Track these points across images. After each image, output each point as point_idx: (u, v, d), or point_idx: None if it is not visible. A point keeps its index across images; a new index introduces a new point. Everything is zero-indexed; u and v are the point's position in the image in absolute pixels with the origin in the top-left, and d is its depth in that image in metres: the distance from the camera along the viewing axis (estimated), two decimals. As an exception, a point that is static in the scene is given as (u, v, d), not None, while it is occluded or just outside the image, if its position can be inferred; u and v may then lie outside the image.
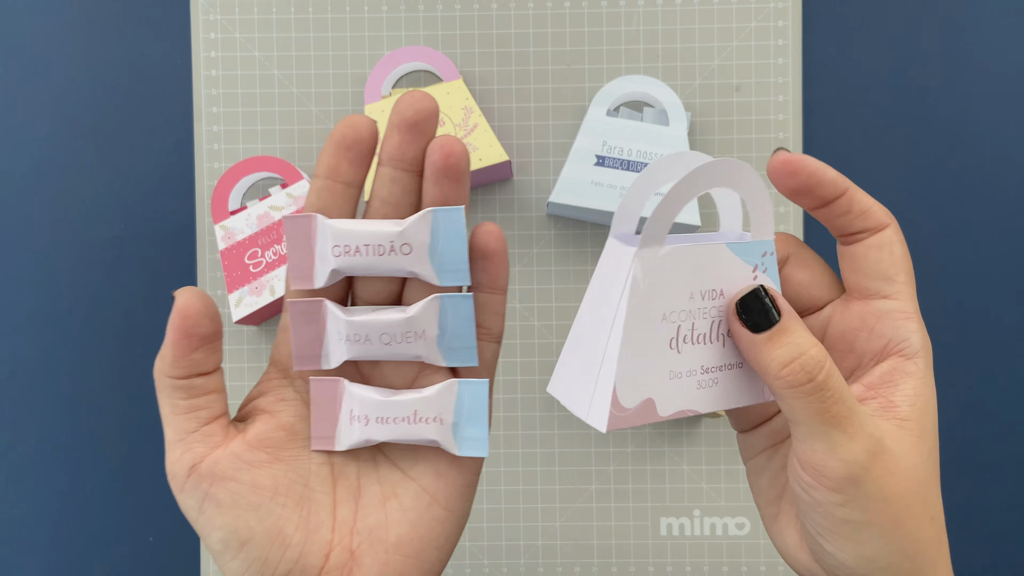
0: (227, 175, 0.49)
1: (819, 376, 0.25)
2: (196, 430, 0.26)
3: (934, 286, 0.52)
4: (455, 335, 0.27)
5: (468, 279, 0.27)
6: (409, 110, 0.25)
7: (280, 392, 0.28)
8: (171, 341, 0.26)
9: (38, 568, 0.52)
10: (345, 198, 0.27)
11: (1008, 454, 0.52)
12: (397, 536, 0.27)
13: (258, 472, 0.27)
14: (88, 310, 0.52)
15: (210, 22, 0.51)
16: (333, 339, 0.27)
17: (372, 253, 0.26)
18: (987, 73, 0.52)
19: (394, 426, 0.27)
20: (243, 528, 0.26)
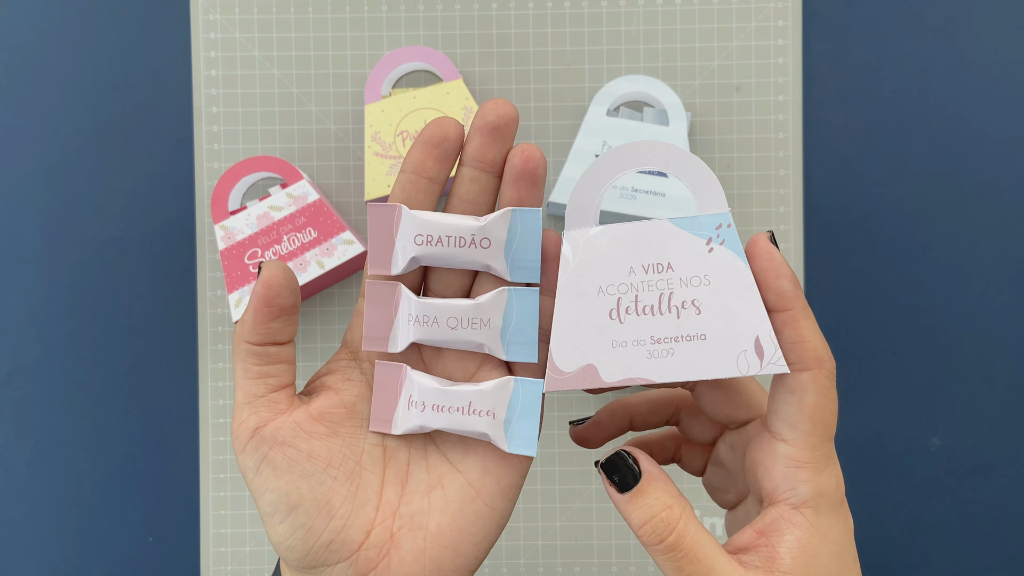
0: (227, 175, 0.49)
1: (669, 538, 0.26)
2: (264, 395, 0.28)
3: (934, 286, 0.52)
4: (518, 329, 0.28)
5: (538, 277, 0.28)
6: (492, 115, 0.27)
7: (347, 372, 0.30)
8: (253, 308, 0.27)
9: (38, 568, 0.52)
10: (428, 193, 0.28)
11: (1008, 454, 0.52)
12: (437, 525, 0.28)
13: (316, 442, 0.28)
14: (88, 310, 0.52)
15: (210, 22, 0.51)
16: (403, 322, 0.29)
17: (453, 244, 0.28)
18: (987, 73, 0.52)
19: (448, 415, 0.28)
20: (294, 493, 0.27)
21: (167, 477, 0.52)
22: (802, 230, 0.51)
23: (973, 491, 0.52)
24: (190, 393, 0.52)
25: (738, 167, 0.51)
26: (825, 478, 0.27)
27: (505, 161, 0.28)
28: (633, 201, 0.48)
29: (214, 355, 0.51)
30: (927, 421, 0.52)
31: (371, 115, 0.49)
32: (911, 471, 0.52)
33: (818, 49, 0.52)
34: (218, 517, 0.51)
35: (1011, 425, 0.52)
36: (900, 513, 0.52)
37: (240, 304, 0.47)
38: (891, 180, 0.52)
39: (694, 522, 0.27)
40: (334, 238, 0.48)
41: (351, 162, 0.52)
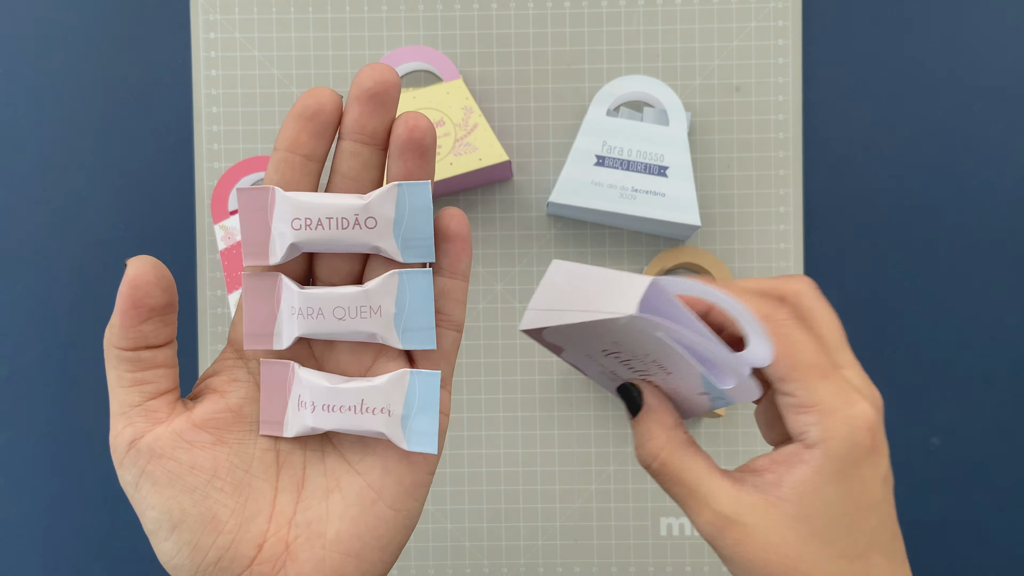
0: (227, 175, 0.49)
1: (652, 464, 0.29)
2: (140, 404, 0.26)
3: (934, 286, 0.52)
4: (413, 314, 0.26)
5: (432, 255, 0.26)
6: (368, 81, 0.25)
7: (233, 372, 0.27)
8: (119, 310, 0.25)
9: (38, 568, 0.52)
10: (305, 172, 0.26)
11: (1008, 454, 0.52)
12: (336, 532, 0.26)
13: (198, 453, 0.26)
14: (88, 310, 0.52)
15: (210, 22, 0.51)
16: (286, 316, 0.26)
17: (335, 227, 0.25)
18: (987, 73, 0.52)
19: (340, 415, 0.26)
20: (176, 509, 0.25)
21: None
22: (802, 230, 0.51)
23: (973, 491, 0.52)
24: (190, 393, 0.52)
25: (738, 167, 0.51)
26: (836, 421, 0.27)
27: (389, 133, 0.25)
28: (633, 201, 0.48)
29: (214, 355, 0.51)
30: (927, 421, 0.52)
31: (371, 115, 0.49)
32: (911, 471, 0.52)
33: (818, 49, 0.52)
34: (218, 517, 0.51)
35: (1011, 425, 0.52)
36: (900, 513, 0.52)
37: (240, 304, 0.47)
38: (891, 180, 0.52)
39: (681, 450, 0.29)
40: (334, 238, 0.48)
41: (351, 162, 0.52)
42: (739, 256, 0.51)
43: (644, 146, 0.48)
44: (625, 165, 0.48)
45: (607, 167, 0.48)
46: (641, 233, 0.51)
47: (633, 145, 0.48)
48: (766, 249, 0.51)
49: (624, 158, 0.48)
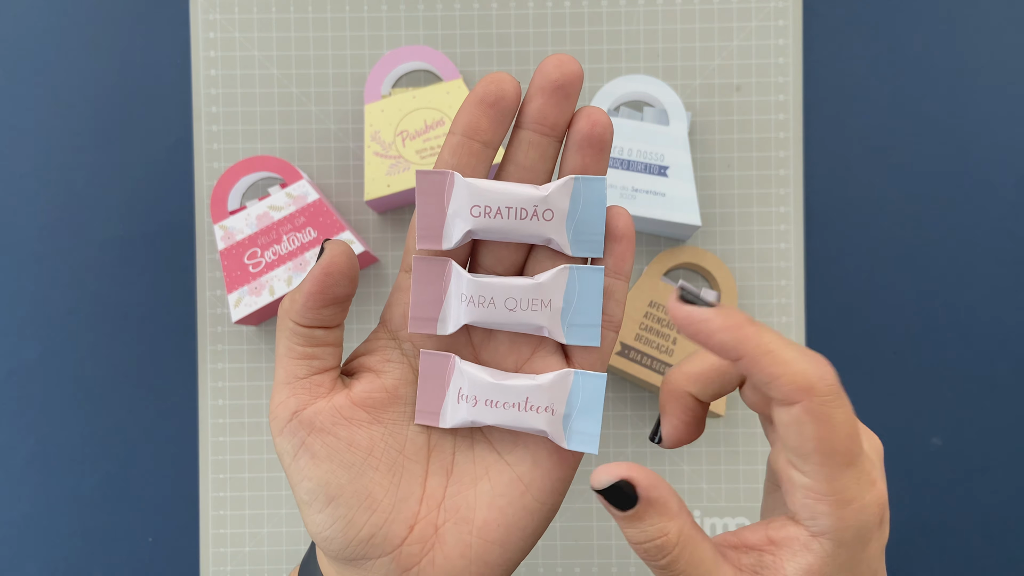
0: (226, 175, 0.49)
1: (661, 560, 0.25)
2: (306, 377, 0.26)
3: (934, 286, 0.52)
4: (580, 310, 0.26)
5: (601, 251, 0.26)
6: (556, 72, 0.24)
7: (387, 353, 0.28)
8: (307, 291, 0.25)
9: (38, 568, 0.52)
10: (481, 158, 0.26)
11: (1008, 454, 0.52)
12: (484, 520, 0.27)
13: (356, 430, 0.26)
14: (88, 310, 0.52)
15: (210, 22, 0.51)
16: (454, 302, 0.26)
17: (513, 216, 0.25)
18: (987, 73, 0.52)
19: (503, 411, 0.26)
20: (333, 483, 0.26)
21: (167, 477, 0.52)
22: (802, 230, 0.51)
23: (973, 491, 0.52)
24: (190, 393, 0.52)
25: (738, 167, 0.51)
26: (851, 511, 0.24)
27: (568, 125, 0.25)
28: (633, 201, 0.48)
29: (214, 355, 0.51)
30: (927, 421, 0.52)
31: (371, 115, 0.49)
32: (911, 471, 0.52)
33: (818, 49, 0.52)
34: (218, 517, 0.51)
35: (1011, 425, 0.52)
36: (900, 513, 0.52)
37: (240, 304, 0.47)
38: (891, 180, 0.52)
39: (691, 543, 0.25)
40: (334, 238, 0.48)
41: (351, 162, 0.52)
42: (739, 256, 0.51)
43: (644, 146, 0.48)
44: (625, 165, 0.48)
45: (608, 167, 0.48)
46: (641, 233, 0.51)
47: (633, 145, 0.48)
48: (766, 249, 0.51)
49: (624, 158, 0.48)
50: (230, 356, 0.51)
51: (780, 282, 0.51)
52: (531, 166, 0.26)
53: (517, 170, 0.26)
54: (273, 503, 0.51)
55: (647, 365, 0.48)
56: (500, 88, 0.24)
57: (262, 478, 0.51)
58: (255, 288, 0.47)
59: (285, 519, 0.51)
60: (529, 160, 0.26)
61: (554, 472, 0.27)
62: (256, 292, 0.47)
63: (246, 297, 0.47)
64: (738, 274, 0.51)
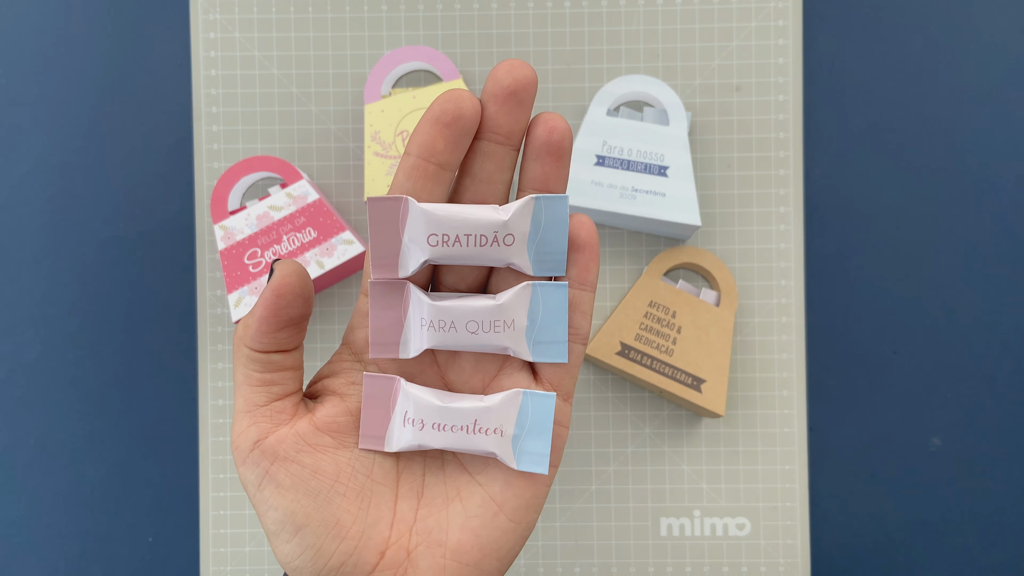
0: (227, 175, 0.49)
1: None
2: (266, 404, 0.26)
3: (934, 286, 0.52)
4: (545, 327, 0.25)
5: (563, 270, 0.25)
6: (508, 77, 0.23)
7: (351, 375, 0.27)
8: (259, 316, 0.25)
9: (38, 568, 0.52)
10: (438, 181, 0.24)
11: (1008, 454, 0.52)
12: (457, 542, 0.26)
13: (321, 456, 0.26)
14: (88, 310, 0.52)
15: (210, 22, 0.51)
16: (414, 326, 0.26)
17: (473, 244, 0.24)
18: (987, 73, 0.52)
19: (451, 434, 0.26)
20: (300, 513, 0.25)
21: (167, 477, 0.52)
22: (802, 230, 0.51)
23: (973, 491, 0.52)
24: (190, 393, 0.52)
25: (738, 167, 0.51)
26: None
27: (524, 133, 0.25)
28: (633, 201, 0.48)
29: (214, 355, 0.51)
30: (927, 421, 0.52)
31: (371, 115, 0.49)
32: (911, 471, 0.52)
33: (818, 49, 0.52)
34: (218, 517, 0.51)
35: (1011, 425, 0.52)
36: (900, 513, 0.52)
37: (240, 304, 0.47)
38: (891, 180, 0.52)
39: None
40: (334, 238, 0.48)
41: (351, 162, 0.52)
42: (739, 256, 0.51)
43: (644, 146, 0.48)
44: (625, 165, 0.48)
45: (607, 167, 0.48)
46: (641, 233, 0.51)
47: (633, 145, 0.48)
48: (766, 249, 0.51)
49: (624, 158, 0.48)
50: (230, 356, 0.51)
51: (780, 282, 0.51)
52: (488, 178, 0.25)
53: (474, 183, 0.25)
54: (273, 503, 0.51)
55: (647, 365, 0.48)
56: (458, 106, 0.23)
57: (262, 478, 0.51)
58: (255, 288, 0.47)
59: (285, 519, 0.51)
60: (485, 172, 0.25)
61: (527, 491, 0.26)
62: (256, 292, 0.47)
63: (246, 297, 0.47)
64: (738, 274, 0.51)
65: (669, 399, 0.50)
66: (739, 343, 0.51)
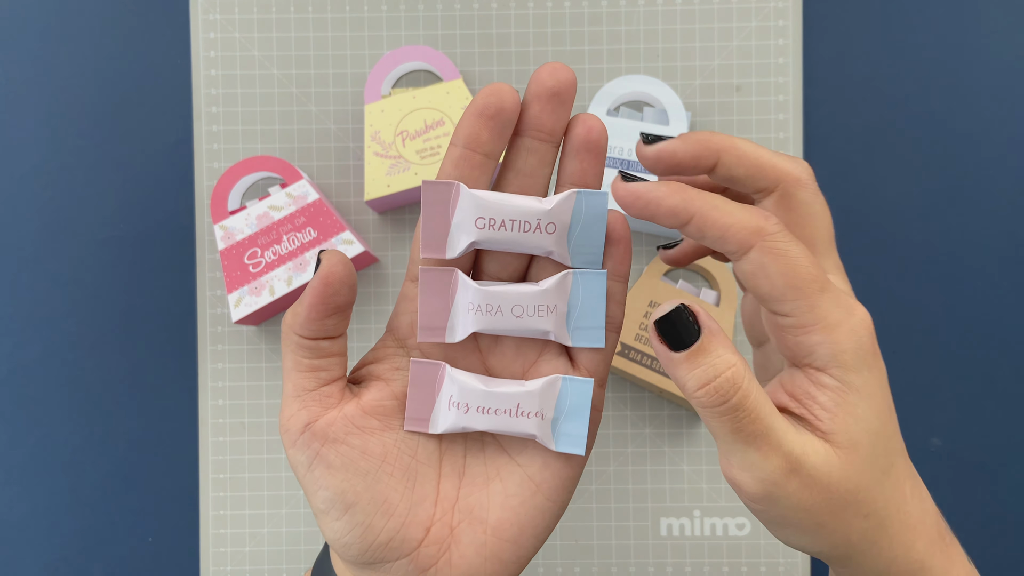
0: (227, 175, 0.49)
1: (733, 398, 0.24)
2: (315, 389, 0.27)
3: (934, 286, 0.52)
4: (584, 314, 0.27)
5: (600, 263, 0.27)
6: (551, 79, 0.25)
7: (395, 361, 0.28)
8: (308, 303, 0.26)
9: (38, 568, 0.52)
10: (483, 170, 0.26)
11: (1008, 454, 0.52)
12: (497, 519, 0.27)
13: (369, 438, 0.27)
14: (88, 310, 0.52)
15: (210, 22, 0.51)
16: (461, 311, 0.27)
17: (517, 229, 0.26)
18: (987, 73, 0.52)
19: (495, 417, 0.27)
20: (350, 492, 0.26)
21: (167, 477, 0.52)
22: (802, 230, 0.51)
23: (973, 491, 0.52)
24: (190, 393, 0.52)
25: (738, 167, 0.51)
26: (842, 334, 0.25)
27: (564, 131, 0.26)
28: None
29: (214, 355, 0.51)
30: (927, 421, 0.52)
31: (371, 115, 0.49)
32: (911, 471, 0.52)
33: (818, 49, 0.52)
34: (218, 517, 0.51)
35: (1011, 425, 0.52)
36: (900, 513, 0.52)
37: (240, 304, 0.47)
38: (891, 180, 0.52)
39: (755, 380, 0.25)
40: (334, 238, 0.48)
41: (351, 162, 0.52)
42: (739, 256, 0.51)
43: (644, 146, 0.48)
44: (625, 165, 0.48)
45: (607, 167, 0.48)
46: (641, 233, 0.51)
47: (633, 145, 0.48)
48: (766, 249, 0.51)
49: (624, 158, 0.48)
50: (230, 356, 0.51)
51: (780, 282, 0.51)
52: (531, 172, 0.26)
53: (517, 177, 0.27)
54: (273, 503, 0.51)
55: (647, 365, 0.48)
56: (500, 100, 0.25)
57: (262, 478, 0.51)
58: (255, 288, 0.47)
59: (285, 519, 0.51)
60: (528, 166, 0.26)
61: (563, 471, 0.28)
62: (256, 292, 0.47)
63: (246, 297, 0.47)
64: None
65: (669, 399, 0.50)
66: (739, 343, 0.51)
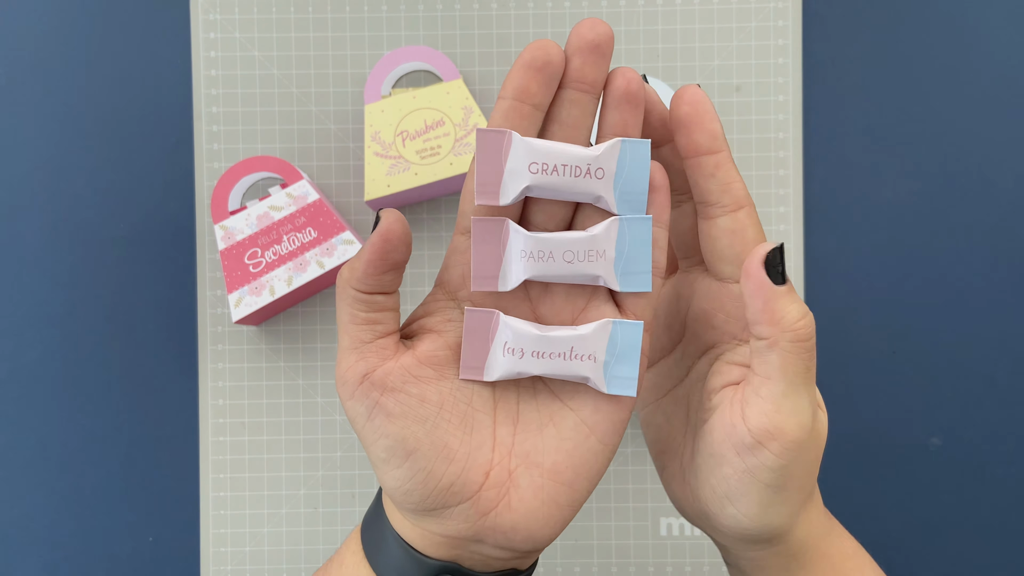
0: (227, 175, 0.49)
1: (814, 338, 0.27)
2: (371, 341, 0.27)
3: (934, 286, 0.52)
4: (632, 259, 0.28)
5: (644, 210, 0.28)
6: (591, 33, 0.26)
7: (447, 313, 0.29)
8: (367, 258, 0.27)
9: (38, 568, 0.52)
10: (532, 120, 0.27)
11: (1008, 454, 0.52)
12: (553, 463, 0.28)
13: (426, 387, 0.28)
14: (88, 310, 0.52)
15: (210, 22, 0.51)
16: (514, 259, 0.28)
17: (568, 174, 0.27)
18: (987, 73, 0.52)
19: (549, 361, 0.28)
20: (411, 438, 0.27)
21: (167, 477, 0.52)
22: (802, 230, 0.51)
23: (973, 491, 0.52)
24: (190, 393, 0.52)
25: (738, 167, 0.51)
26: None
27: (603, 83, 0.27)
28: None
29: (214, 355, 0.51)
30: (927, 421, 0.52)
31: (371, 115, 0.49)
32: (911, 471, 0.52)
33: (818, 49, 0.52)
34: (218, 517, 0.51)
35: (1011, 425, 0.52)
36: (900, 513, 0.52)
37: (240, 304, 0.47)
38: (891, 180, 0.52)
39: None
40: (334, 238, 0.48)
41: (351, 162, 0.52)
42: (739, 256, 0.51)
43: (644, 146, 0.48)
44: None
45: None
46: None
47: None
48: (766, 249, 0.51)
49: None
50: (230, 356, 0.51)
51: (780, 282, 0.51)
52: (574, 123, 0.27)
53: (561, 128, 0.27)
54: (273, 503, 0.51)
55: (647, 365, 0.48)
56: (547, 53, 0.26)
57: (262, 478, 0.51)
58: (255, 288, 0.47)
59: (285, 519, 0.51)
60: (572, 118, 0.27)
61: (614, 414, 0.28)
62: (256, 292, 0.47)
63: (246, 297, 0.47)
64: (738, 274, 0.51)
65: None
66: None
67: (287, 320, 0.51)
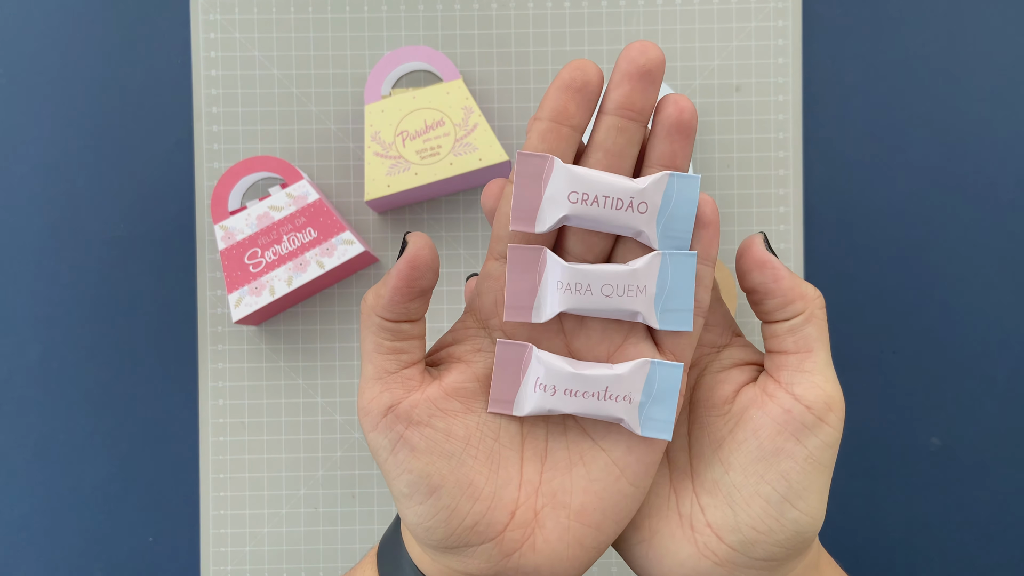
0: (227, 175, 0.49)
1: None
2: (396, 371, 0.26)
3: (934, 286, 0.52)
4: (673, 296, 0.26)
5: (688, 246, 0.26)
6: (642, 58, 0.25)
7: (476, 342, 0.28)
8: (393, 286, 0.26)
9: (38, 568, 0.52)
10: (570, 143, 0.26)
11: (1008, 454, 0.52)
12: (581, 504, 0.27)
13: (452, 421, 0.27)
14: (88, 310, 0.52)
15: (210, 22, 0.51)
16: (550, 290, 0.26)
17: (610, 206, 0.25)
18: (987, 73, 0.52)
19: (583, 400, 0.26)
20: (435, 474, 0.26)
21: (167, 477, 0.52)
22: (802, 230, 0.51)
23: (973, 491, 0.52)
24: (190, 393, 0.52)
25: (738, 167, 0.51)
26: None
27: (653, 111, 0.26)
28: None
29: (214, 355, 0.51)
30: (927, 421, 0.52)
31: (371, 115, 0.49)
32: (911, 471, 0.52)
33: (818, 49, 0.52)
34: (218, 517, 0.51)
35: (1011, 425, 0.52)
36: (900, 513, 0.52)
37: (240, 304, 0.47)
38: (891, 180, 0.52)
39: None
40: (334, 238, 0.48)
41: (351, 162, 0.52)
42: (739, 256, 0.51)
43: (644, 146, 0.48)
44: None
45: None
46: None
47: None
48: (766, 249, 0.51)
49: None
50: (230, 356, 0.51)
51: (780, 282, 0.51)
52: (619, 152, 0.26)
53: (606, 156, 0.26)
54: (273, 503, 0.51)
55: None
56: (585, 73, 0.25)
57: (262, 478, 0.51)
58: (255, 288, 0.47)
59: (285, 519, 0.51)
60: (617, 146, 0.26)
61: (647, 456, 0.27)
62: (256, 292, 0.47)
63: (246, 297, 0.47)
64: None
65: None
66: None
67: (287, 320, 0.51)
